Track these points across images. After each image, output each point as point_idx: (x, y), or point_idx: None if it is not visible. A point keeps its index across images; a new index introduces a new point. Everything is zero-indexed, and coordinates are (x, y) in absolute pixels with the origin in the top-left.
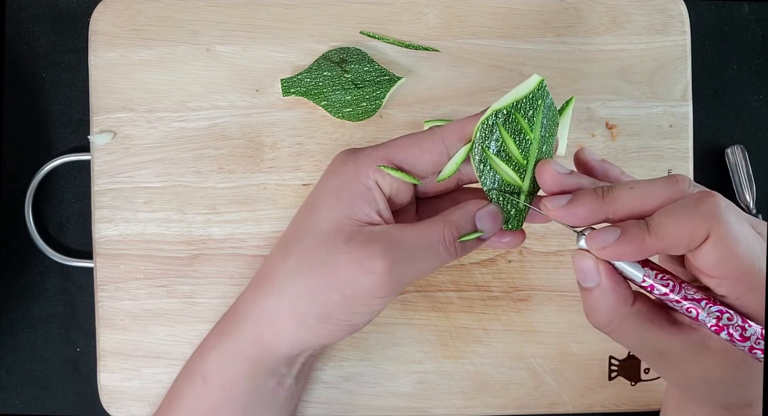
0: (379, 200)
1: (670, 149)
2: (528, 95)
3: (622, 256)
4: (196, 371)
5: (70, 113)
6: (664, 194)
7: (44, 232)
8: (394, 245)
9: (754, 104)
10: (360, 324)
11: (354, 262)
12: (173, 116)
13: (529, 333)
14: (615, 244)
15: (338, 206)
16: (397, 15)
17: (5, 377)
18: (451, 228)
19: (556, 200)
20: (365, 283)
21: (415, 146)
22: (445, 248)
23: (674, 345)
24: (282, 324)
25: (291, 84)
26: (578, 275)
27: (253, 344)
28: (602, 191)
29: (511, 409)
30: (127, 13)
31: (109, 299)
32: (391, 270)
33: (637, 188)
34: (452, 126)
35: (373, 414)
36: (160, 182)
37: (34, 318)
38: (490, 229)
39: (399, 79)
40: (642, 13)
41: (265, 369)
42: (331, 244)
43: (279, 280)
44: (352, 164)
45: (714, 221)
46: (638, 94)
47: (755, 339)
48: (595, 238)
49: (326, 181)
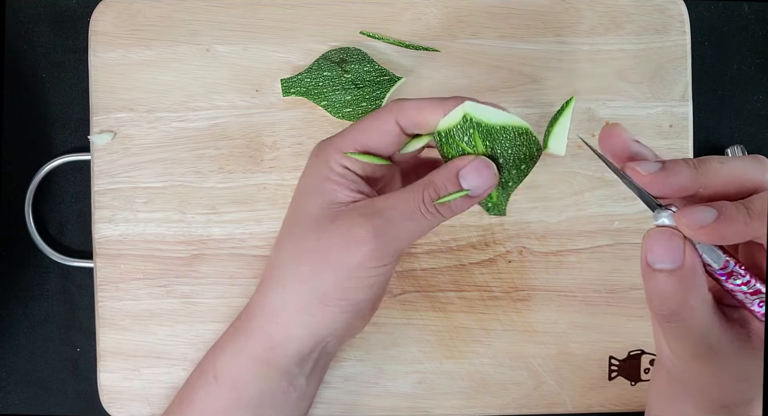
0: (357, 181)
1: (670, 149)
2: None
3: (719, 238)
4: (208, 370)
5: (70, 113)
6: (753, 172)
7: (44, 232)
8: (376, 213)
9: (754, 104)
10: (361, 301)
11: (340, 237)
12: (173, 116)
13: (529, 333)
14: (715, 224)
15: (320, 195)
16: (397, 15)
17: (5, 377)
18: (428, 190)
19: (648, 165)
20: (354, 255)
21: (372, 129)
22: (426, 210)
23: (724, 340)
24: (287, 317)
25: (291, 84)
26: (652, 255)
27: (264, 342)
28: (693, 163)
29: (511, 409)
30: (127, 13)
31: (109, 299)
32: (376, 238)
33: (728, 164)
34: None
35: (373, 414)
36: (160, 182)
37: (34, 318)
38: (478, 185)
39: (399, 79)
40: (642, 13)
41: (276, 369)
42: (320, 227)
43: (276, 273)
44: (322, 155)
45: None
46: (638, 94)
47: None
48: (692, 215)
49: (305, 176)
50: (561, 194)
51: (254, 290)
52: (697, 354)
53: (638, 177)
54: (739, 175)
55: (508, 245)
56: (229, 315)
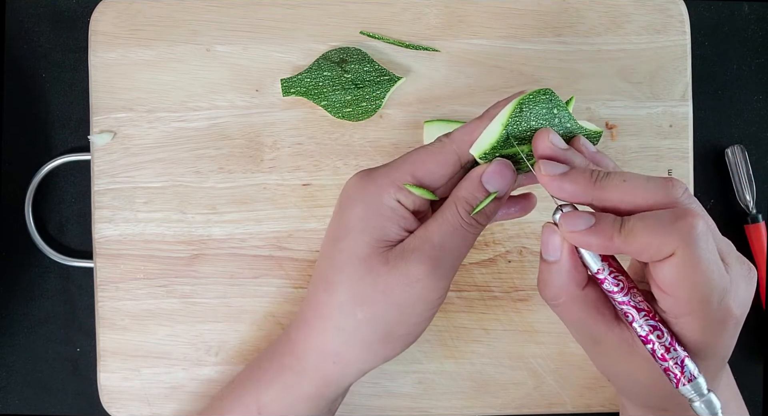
0: (407, 217)
1: (670, 149)
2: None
3: (586, 245)
4: (250, 401)
5: (70, 113)
6: (654, 196)
7: (44, 232)
8: (426, 246)
9: (754, 104)
10: (421, 332)
11: (399, 278)
12: (173, 116)
13: (529, 333)
14: (584, 232)
15: (369, 231)
16: (397, 15)
17: (5, 377)
18: (461, 204)
19: (551, 167)
20: (417, 292)
21: (430, 161)
22: (467, 225)
23: (609, 337)
24: (347, 357)
25: (291, 84)
26: (542, 246)
27: (318, 380)
28: (596, 175)
29: (511, 409)
30: (127, 13)
31: (109, 299)
32: (434, 270)
33: (629, 182)
34: (460, 135)
35: (373, 414)
36: (160, 182)
37: (34, 318)
38: (503, 185)
39: (399, 79)
40: (642, 13)
41: (325, 401)
42: (373, 269)
43: (333, 314)
44: (372, 188)
45: (684, 243)
46: (638, 94)
47: (675, 362)
48: (568, 220)
49: (350, 207)
50: None
51: (254, 290)
52: (587, 344)
53: (538, 175)
54: (637, 194)
55: (508, 245)
56: (229, 314)
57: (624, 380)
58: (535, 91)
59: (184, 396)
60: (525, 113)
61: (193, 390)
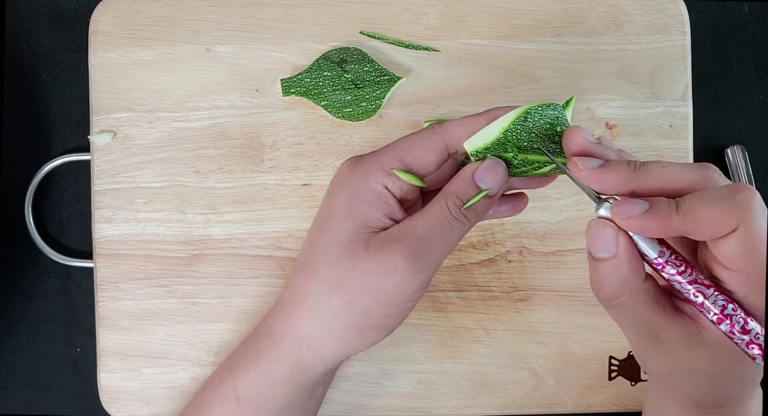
0: (392, 204)
1: (670, 149)
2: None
3: (646, 230)
4: (228, 392)
5: (70, 113)
6: (695, 179)
7: (44, 232)
8: (409, 237)
9: (754, 104)
10: (397, 324)
11: (377, 266)
12: (173, 116)
13: (529, 333)
14: (642, 216)
15: (352, 216)
16: (397, 15)
17: (5, 377)
18: (452, 199)
19: (588, 161)
20: (394, 283)
21: (418, 147)
22: (455, 220)
23: (671, 331)
24: (321, 342)
25: (291, 84)
26: (592, 245)
27: (293, 366)
28: (635, 164)
29: (511, 409)
30: (127, 13)
31: (109, 299)
32: (414, 261)
33: (669, 168)
34: (453, 126)
35: (373, 414)
36: (160, 182)
37: (34, 318)
38: (494, 183)
39: (399, 79)
40: (642, 13)
41: (302, 386)
42: (352, 255)
43: (309, 299)
44: (359, 172)
45: (746, 215)
46: (638, 94)
47: (755, 334)
48: (622, 207)
49: (336, 193)
50: (560, 194)
51: (254, 290)
52: (645, 344)
53: (577, 171)
54: (676, 178)
55: (508, 245)
56: (229, 314)
57: (684, 377)
58: (545, 104)
59: (184, 396)
60: (528, 122)
61: (193, 390)
